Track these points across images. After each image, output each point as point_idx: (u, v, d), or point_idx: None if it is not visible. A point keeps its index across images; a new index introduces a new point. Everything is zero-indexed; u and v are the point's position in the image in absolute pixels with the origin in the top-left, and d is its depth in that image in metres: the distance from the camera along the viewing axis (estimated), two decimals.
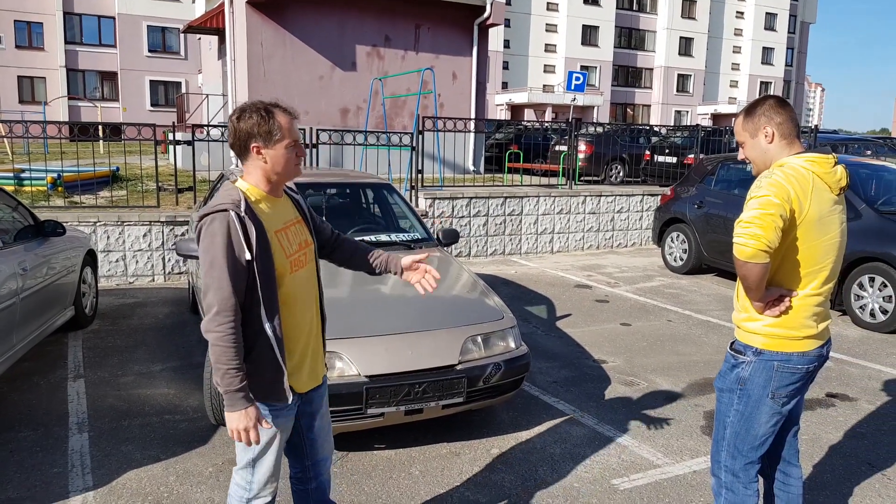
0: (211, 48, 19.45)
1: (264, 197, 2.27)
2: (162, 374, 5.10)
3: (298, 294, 2.33)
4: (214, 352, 2.10)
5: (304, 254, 2.37)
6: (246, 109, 2.21)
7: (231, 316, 2.09)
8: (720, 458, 2.66)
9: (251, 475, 2.35)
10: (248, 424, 2.13)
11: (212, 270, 2.09)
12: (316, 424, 2.53)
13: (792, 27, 55.95)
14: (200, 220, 2.16)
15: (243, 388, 2.12)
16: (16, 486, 3.44)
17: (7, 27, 32.82)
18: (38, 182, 9.67)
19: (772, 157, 2.48)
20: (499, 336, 4.05)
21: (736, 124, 2.58)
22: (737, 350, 2.57)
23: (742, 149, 2.57)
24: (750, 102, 2.57)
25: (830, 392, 5.06)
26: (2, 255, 4.45)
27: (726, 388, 2.60)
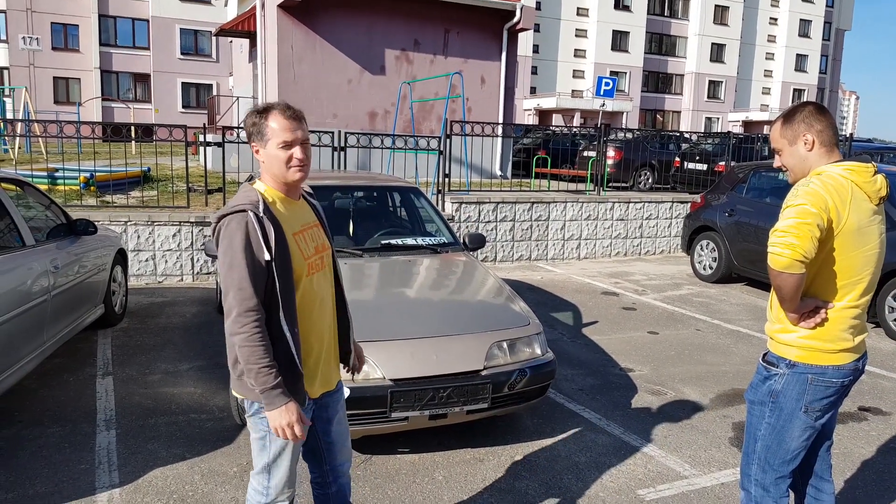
0: (242, 51, 19.68)
1: (281, 198, 2.27)
2: (189, 373, 5.14)
3: (315, 298, 2.31)
4: (243, 353, 2.09)
5: (320, 258, 2.36)
6: (248, 113, 2.26)
7: (254, 315, 2.08)
8: (750, 471, 2.60)
9: (268, 480, 2.34)
10: (291, 419, 2.13)
11: (231, 272, 2.09)
12: (333, 429, 2.52)
13: (826, 34, 55.04)
14: (219, 221, 2.16)
15: (279, 384, 2.11)
16: (43, 482, 3.48)
17: (44, 29, 33.55)
18: (70, 181, 9.84)
19: (810, 166, 2.42)
20: (525, 342, 4.02)
21: (773, 130, 2.51)
22: (769, 362, 2.51)
23: (779, 156, 2.50)
24: (788, 108, 2.50)
25: (863, 406, 4.94)
26: (34, 253, 4.52)
27: (758, 401, 2.54)
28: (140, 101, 35.50)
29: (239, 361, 2.16)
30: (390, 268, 4.99)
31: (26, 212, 4.99)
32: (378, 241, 5.38)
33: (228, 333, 2.11)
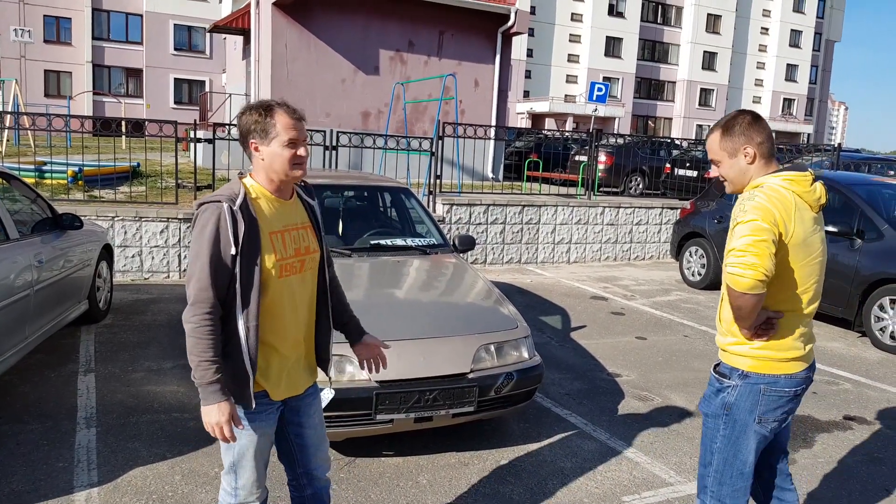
0: (236, 48, 19.59)
1: (268, 196, 2.23)
2: (173, 371, 5.08)
3: (284, 301, 2.24)
4: (189, 342, 2.09)
5: (300, 260, 2.29)
6: (248, 107, 2.22)
7: (206, 308, 2.08)
8: (706, 483, 2.56)
9: (234, 480, 2.31)
10: (221, 420, 2.10)
11: (196, 260, 2.09)
12: (305, 433, 2.45)
13: (817, 45, 55.44)
14: (197, 209, 2.17)
15: (217, 381, 2.09)
16: (20, 479, 3.43)
17: (36, 21, 33.29)
18: (58, 175, 9.74)
19: (750, 177, 2.41)
20: (512, 345, 4.00)
21: (711, 142, 2.46)
22: (722, 373, 2.49)
23: (717, 167, 2.47)
24: (725, 118, 2.45)
25: (848, 415, 4.95)
26: (18, 247, 4.46)
27: (712, 414, 2.51)
28: (132, 96, 35.25)
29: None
30: (379, 268, 4.96)
31: (11, 205, 4.93)
32: (367, 241, 5.34)
33: (183, 320, 2.12)
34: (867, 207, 7.15)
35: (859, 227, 7.07)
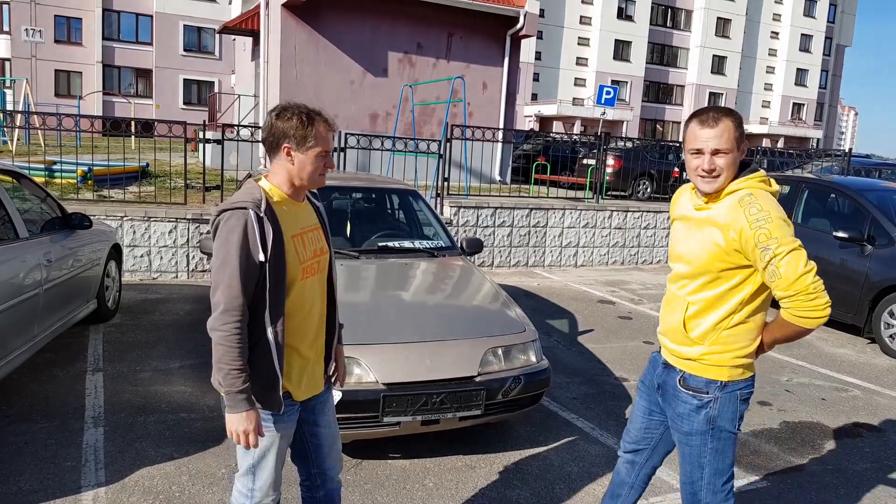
0: (245, 49, 19.65)
1: (285, 199, 2.25)
2: (180, 371, 5.09)
3: (306, 302, 2.28)
4: (218, 351, 2.07)
5: (317, 261, 2.33)
6: (288, 109, 2.20)
7: (238, 315, 2.07)
8: (700, 497, 2.48)
9: (252, 482, 2.31)
10: (249, 427, 2.11)
11: (224, 268, 2.07)
12: (320, 432, 2.48)
13: (827, 49, 55.21)
14: (218, 216, 2.14)
15: (245, 389, 2.09)
16: (28, 478, 3.44)
17: (47, 21, 33.48)
18: (68, 175, 9.78)
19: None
20: (520, 349, 3.99)
21: (725, 130, 2.23)
22: (695, 388, 2.39)
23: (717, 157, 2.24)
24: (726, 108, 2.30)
25: (857, 422, 4.92)
26: (27, 246, 4.48)
27: (696, 431, 2.41)
28: (141, 96, 35.40)
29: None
30: (387, 270, 4.96)
31: (21, 204, 4.94)
32: (375, 243, 5.34)
33: (209, 328, 2.10)
34: (878, 213, 7.11)
35: (870, 234, 7.03)
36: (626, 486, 2.78)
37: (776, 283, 2.16)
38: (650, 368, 2.67)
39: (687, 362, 2.40)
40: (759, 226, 2.15)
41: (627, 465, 2.77)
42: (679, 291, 2.42)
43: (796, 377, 5.88)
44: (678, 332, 2.41)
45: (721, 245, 2.24)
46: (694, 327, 2.36)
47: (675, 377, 2.44)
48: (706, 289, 2.32)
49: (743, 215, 2.18)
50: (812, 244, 7.50)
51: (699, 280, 2.34)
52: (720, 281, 2.29)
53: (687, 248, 2.37)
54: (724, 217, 2.23)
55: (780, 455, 4.29)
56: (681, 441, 2.48)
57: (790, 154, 15.21)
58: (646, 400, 2.66)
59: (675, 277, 2.47)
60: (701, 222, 2.33)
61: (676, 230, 2.50)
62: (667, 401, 2.51)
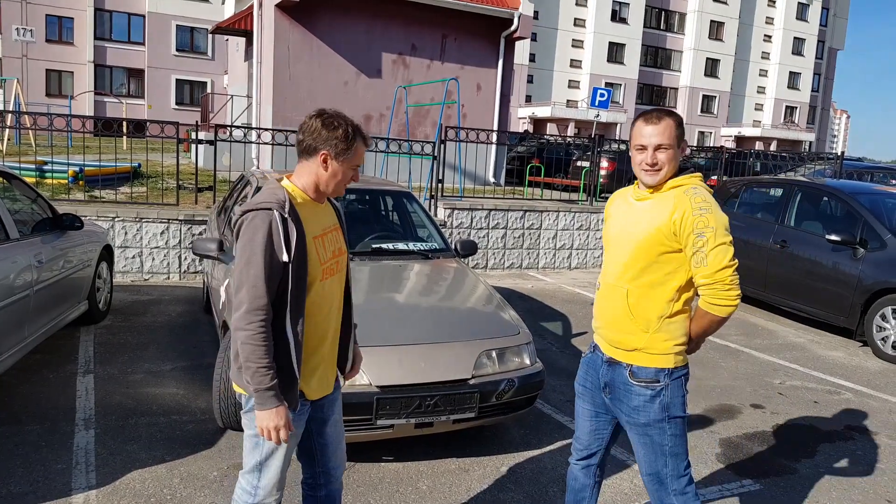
0: (238, 49, 19.60)
1: (308, 201, 2.29)
2: (172, 373, 5.06)
3: (324, 302, 2.32)
4: (244, 350, 2.10)
5: (336, 262, 2.37)
6: (336, 118, 2.24)
7: (262, 315, 2.10)
8: (668, 485, 2.54)
9: (257, 479, 2.32)
10: (279, 423, 2.15)
11: (248, 267, 2.11)
12: (327, 431, 2.50)
13: (820, 53, 55.53)
14: (242, 216, 2.17)
15: (274, 386, 2.13)
16: (18, 481, 3.40)
17: (39, 21, 33.30)
18: (59, 175, 9.73)
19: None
20: (514, 352, 3.98)
21: (667, 128, 2.38)
22: (647, 380, 2.46)
23: (659, 152, 2.39)
24: (667, 109, 2.47)
25: (850, 425, 4.93)
26: (18, 247, 4.44)
27: (654, 421, 2.47)
28: (133, 96, 35.26)
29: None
30: (380, 272, 4.94)
31: (12, 204, 4.91)
32: (369, 244, 5.33)
33: (233, 328, 2.13)
34: (870, 217, 7.14)
35: (862, 237, 7.06)
36: (588, 488, 2.84)
37: (700, 270, 2.33)
38: (588, 371, 2.72)
39: (633, 354, 2.47)
40: (700, 213, 2.32)
41: (584, 469, 2.82)
42: (617, 282, 2.50)
43: (789, 380, 5.89)
44: (623, 319, 2.47)
45: (661, 227, 2.36)
46: (638, 313, 2.44)
47: (623, 372, 2.50)
48: (644, 274, 2.42)
49: (688, 200, 2.34)
50: (804, 247, 7.58)
51: (637, 266, 2.42)
52: (657, 266, 2.40)
53: (627, 233, 2.47)
54: (669, 202, 2.37)
55: (773, 458, 4.29)
56: (639, 434, 2.52)
57: (783, 157, 15.27)
58: (589, 403, 2.71)
59: (610, 271, 2.55)
60: (644, 209, 2.46)
61: (614, 221, 2.61)
62: (617, 397, 2.55)
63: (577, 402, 2.79)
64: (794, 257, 7.68)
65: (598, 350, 2.66)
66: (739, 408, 5.13)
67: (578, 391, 2.78)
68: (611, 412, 2.64)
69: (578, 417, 2.79)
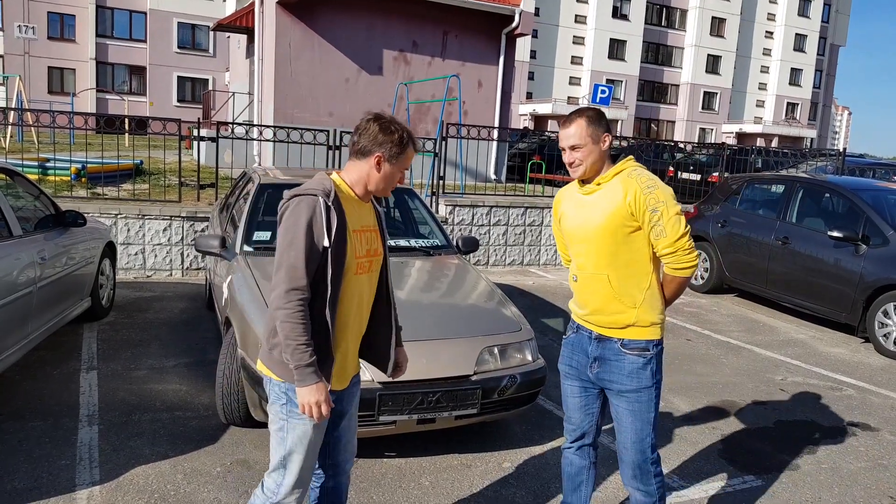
0: (239, 47, 19.59)
1: (353, 197, 2.36)
2: (175, 369, 5.08)
3: (354, 296, 2.37)
4: (284, 328, 2.17)
5: (369, 261, 2.42)
6: (394, 123, 2.33)
7: (301, 294, 2.17)
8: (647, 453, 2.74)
9: (282, 477, 2.35)
10: (320, 398, 2.20)
11: (290, 248, 2.18)
12: (342, 425, 2.55)
13: (821, 49, 55.42)
14: (288, 200, 2.24)
15: (313, 363, 2.18)
16: (22, 477, 3.42)
17: (40, 18, 33.30)
18: (62, 172, 9.74)
19: (602, 163, 2.66)
20: (516, 348, 3.99)
21: (578, 128, 2.61)
22: (639, 348, 2.67)
23: (574, 151, 2.62)
24: (583, 109, 2.70)
25: (852, 421, 4.94)
26: (21, 244, 4.46)
27: (644, 387, 2.68)
28: (135, 93, 35.28)
29: (275, 335, 2.26)
30: None
31: (15, 201, 4.92)
32: None
33: (272, 308, 2.20)
34: (872, 213, 7.14)
35: (864, 233, 7.06)
36: (585, 469, 2.97)
37: (660, 241, 2.57)
38: (574, 350, 2.88)
39: (624, 330, 2.67)
40: (649, 191, 2.55)
41: (578, 451, 2.96)
42: (596, 270, 2.67)
43: (791, 376, 5.90)
44: (611, 302, 2.66)
45: (617, 211, 2.57)
46: (623, 293, 2.64)
47: (615, 345, 2.70)
48: (618, 257, 2.62)
49: (635, 182, 2.57)
50: (806, 243, 7.58)
51: (609, 251, 2.62)
52: (626, 246, 2.60)
53: (588, 226, 2.65)
54: (618, 188, 2.59)
55: (775, 454, 4.30)
56: (630, 401, 2.70)
57: (784, 153, 15.25)
58: (576, 380, 2.87)
59: (584, 262, 2.72)
60: (595, 201, 2.65)
61: (567, 219, 2.78)
62: (608, 368, 2.72)
63: (565, 384, 2.93)
64: (796, 254, 7.68)
65: (582, 329, 2.83)
66: (741, 404, 5.14)
67: (565, 371, 2.92)
68: (597, 386, 2.81)
69: (567, 398, 2.93)
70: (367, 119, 2.33)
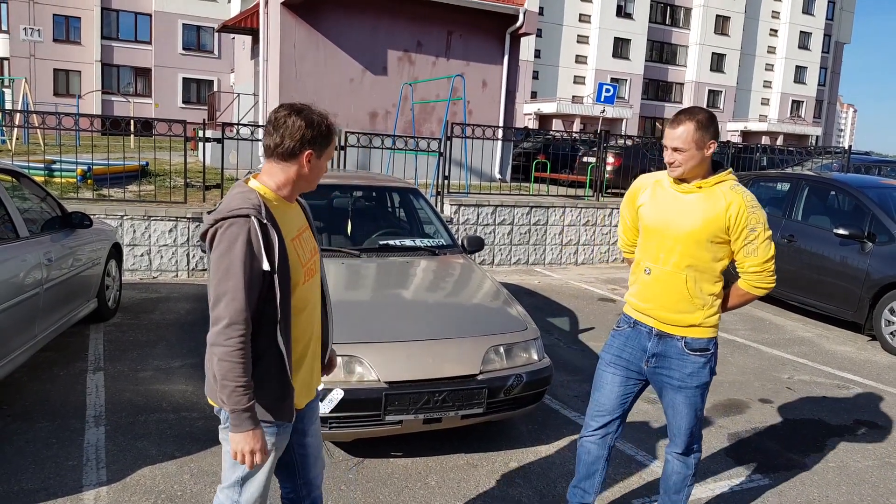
0: (244, 48, 19.64)
1: (280, 201, 2.15)
2: (181, 370, 5.09)
3: (308, 305, 2.23)
4: (221, 368, 1.96)
5: (314, 262, 2.27)
6: (314, 113, 2.13)
7: (242, 329, 1.96)
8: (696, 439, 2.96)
9: (238, 495, 2.19)
10: (255, 446, 2.02)
11: (226, 279, 1.96)
12: (307, 441, 2.39)
13: (826, 47, 55.20)
14: (215, 224, 2.01)
15: (251, 407, 1.99)
16: (30, 478, 3.43)
17: (46, 20, 33.44)
18: (68, 174, 9.77)
19: (703, 167, 2.70)
20: (521, 347, 3.98)
21: (685, 132, 2.63)
22: (700, 349, 2.79)
23: (676, 153, 2.66)
24: (692, 110, 2.68)
25: (859, 419, 4.92)
26: (28, 245, 4.47)
27: (703, 384, 2.82)
28: (140, 95, 35.40)
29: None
30: (387, 269, 4.95)
31: (21, 203, 4.94)
32: (376, 241, 5.34)
33: (210, 344, 1.99)
34: (879, 211, 7.11)
35: (870, 231, 7.03)
36: (601, 459, 3.05)
37: (750, 259, 2.69)
38: (627, 342, 2.94)
39: (689, 329, 2.77)
40: (752, 210, 2.65)
41: (598, 440, 3.04)
42: (675, 269, 2.75)
43: (798, 374, 5.88)
44: (682, 301, 2.75)
45: (716, 218, 2.65)
46: (696, 295, 2.74)
47: (677, 344, 2.79)
48: (700, 261, 2.71)
49: (741, 197, 2.66)
50: (812, 241, 7.56)
51: (693, 254, 2.70)
52: (709, 253, 2.70)
53: (682, 224, 2.71)
54: (720, 197, 2.67)
55: (782, 452, 4.29)
56: (689, 396, 2.82)
57: (789, 151, 15.20)
58: (622, 370, 2.95)
59: (663, 258, 2.77)
60: (693, 202, 2.71)
61: (656, 211, 2.81)
62: (668, 365, 2.82)
63: (605, 371, 2.99)
64: (802, 252, 7.65)
65: (640, 325, 2.89)
66: (748, 402, 5.12)
67: (609, 360, 2.98)
68: (643, 379, 2.93)
69: (604, 385, 2.98)
70: (283, 114, 2.10)
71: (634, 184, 2.95)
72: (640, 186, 2.91)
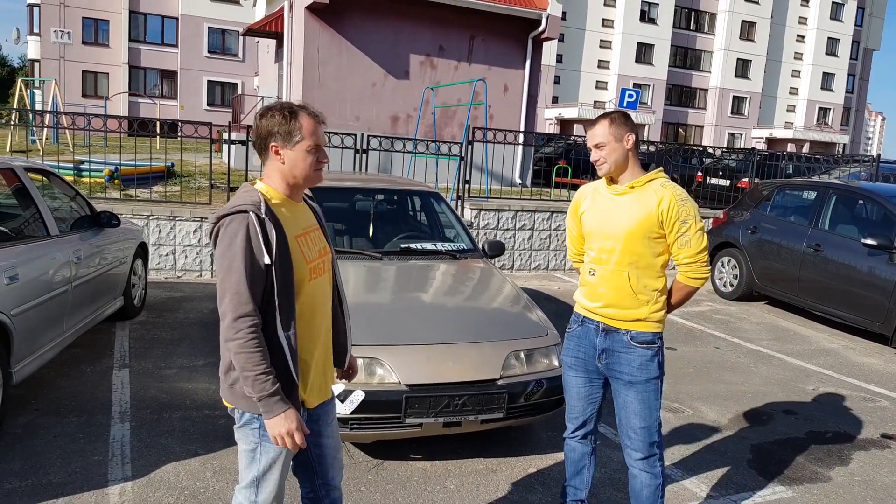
0: (268, 51, 19.82)
1: (284, 200, 2.20)
2: (204, 368, 5.14)
3: (317, 304, 2.26)
4: (239, 360, 2.01)
5: (323, 262, 2.30)
6: (271, 107, 2.16)
7: (250, 321, 2.01)
8: (654, 437, 2.90)
9: (255, 495, 2.23)
10: (291, 427, 2.06)
11: (229, 274, 2.02)
12: (324, 442, 2.41)
13: (854, 53, 54.46)
14: (218, 222, 2.09)
15: (277, 390, 2.04)
16: (57, 471, 3.49)
17: (76, 23, 34.03)
18: (96, 174, 9.93)
19: (627, 162, 2.82)
20: (542, 353, 3.98)
21: (601, 128, 2.81)
22: (647, 342, 2.85)
23: (598, 149, 2.81)
24: (608, 111, 2.86)
25: (886, 433, 4.84)
26: (58, 244, 4.55)
27: (652, 377, 2.86)
28: (166, 97, 35.86)
29: (232, 369, 2.11)
30: (408, 272, 4.97)
31: (52, 202, 5.03)
32: (397, 244, 5.36)
33: (224, 340, 2.04)
34: None
35: None
36: (587, 455, 3.16)
37: (684, 251, 2.79)
38: (580, 342, 3.02)
39: (634, 323, 2.85)
40: (682, 203, 2.76)
41: (581, 439, 3.13)
42: (617, 268, 2.83)
43: (823, 386, 5.80)
44: (627, 299, 2.83)
45: (650, 215, 2.75)
46: (640, 291, 2.82)
47: (623, 338, 2.87)
48: (641, 258, 2.80)
49: (671, 192, 2.77)
50: (839, 251, 7.46)
51: (633, 251, 2.79)
52: (649, 249, 2.79)
53: (619, 225, 2.81)
54: (651, 195, 2.77)
55: (806, 465, 4.24)
56: (639, 391, 2.86)
57: (816, 159, 15.02)
58: (583, 371, 3.02)
59: (605, 259, 2.86)
60: (627, 202, 2.81)
61: (595, 215, 2.92)
62: (616, 360, 2.89)
63: (568, 374, 3.09)
64: (828, 261, 7.56)
65: (588, 321, 2.98)
66: (772, 413, 5.07)
67: (569, 363, 3.07)
68: (602, 376, 2.99)
69: (570, 389, 3.09)
70: (257, 116, 2.18)
71: (575, 195, 3.07)
72: (580, 196, 3.04)
